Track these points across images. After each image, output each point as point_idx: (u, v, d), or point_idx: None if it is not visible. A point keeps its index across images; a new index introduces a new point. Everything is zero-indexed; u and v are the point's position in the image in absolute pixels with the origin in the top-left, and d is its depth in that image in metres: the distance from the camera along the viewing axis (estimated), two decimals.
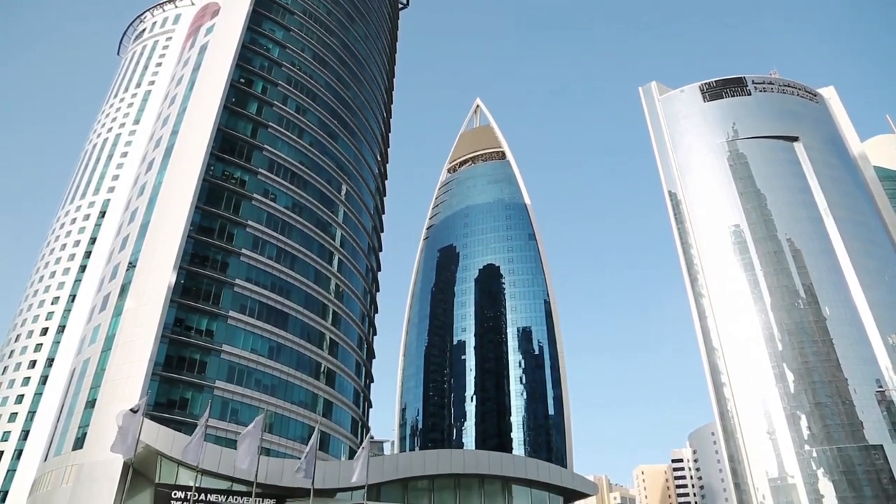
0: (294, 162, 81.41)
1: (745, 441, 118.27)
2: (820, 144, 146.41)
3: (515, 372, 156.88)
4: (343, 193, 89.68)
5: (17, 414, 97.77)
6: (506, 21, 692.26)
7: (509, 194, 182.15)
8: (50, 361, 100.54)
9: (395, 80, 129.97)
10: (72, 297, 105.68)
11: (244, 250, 71.01)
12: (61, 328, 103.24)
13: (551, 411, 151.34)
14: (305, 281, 76.82)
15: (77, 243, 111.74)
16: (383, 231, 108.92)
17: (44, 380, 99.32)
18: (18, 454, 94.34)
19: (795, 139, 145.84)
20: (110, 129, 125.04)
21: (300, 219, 79.35)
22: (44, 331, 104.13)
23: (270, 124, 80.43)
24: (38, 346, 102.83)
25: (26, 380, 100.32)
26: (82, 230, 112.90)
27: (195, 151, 71.37)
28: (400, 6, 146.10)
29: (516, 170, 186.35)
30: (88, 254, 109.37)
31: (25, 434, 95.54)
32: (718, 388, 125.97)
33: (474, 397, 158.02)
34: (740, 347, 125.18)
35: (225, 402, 63.36)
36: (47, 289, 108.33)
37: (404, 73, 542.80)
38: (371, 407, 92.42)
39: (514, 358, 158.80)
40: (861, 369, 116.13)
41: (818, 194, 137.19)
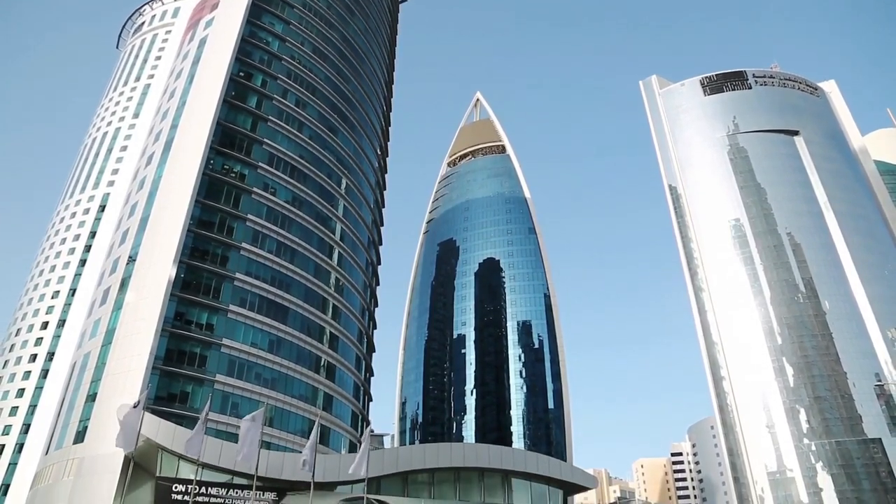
0: (294, 156, 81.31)
1: (745, 435, 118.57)
2: (820, 138, 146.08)
3: (515, 366, 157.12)
4: (343, 187, 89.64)
5: (18, 408, 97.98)
6: (506, 14, 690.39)
7: (509, 188, 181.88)
8: (50, 355, 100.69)
9: (395, 74, 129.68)
10: (72, 291, 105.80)
11: (244, 244, 71.04)
12: (62, 322, 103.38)
13: (551, 405, 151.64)
14: (305, 275, 76.82)
15: (77, 237, 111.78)
16: (383, 225, 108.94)
17: (44, 374, 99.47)
18: (20, 448, 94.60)
19: (796, 133, 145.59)
20: (110, 123, 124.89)
21: (300, 213, 79.32)
22: (44, 325, 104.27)
23: (270, 118, 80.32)
24: (39, 340, 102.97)
25: (27, 374, 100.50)
26: (82, 224, 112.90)
27: (195, 145, 71.31)
28: None
29: (516, 163, 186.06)
30: (88, 248, 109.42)
31: (26, 428, 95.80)
32: (718, 382, 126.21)
33: (474, 391, 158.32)
34: (740, 341, 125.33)
35: (225, 396, 63.52)
36: (47, 283, 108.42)
37: (404, 67, 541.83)
38: (371, 401, 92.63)
39: (514, 352, 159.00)
40: (860, 363, 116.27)
41: (818, 188, 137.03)
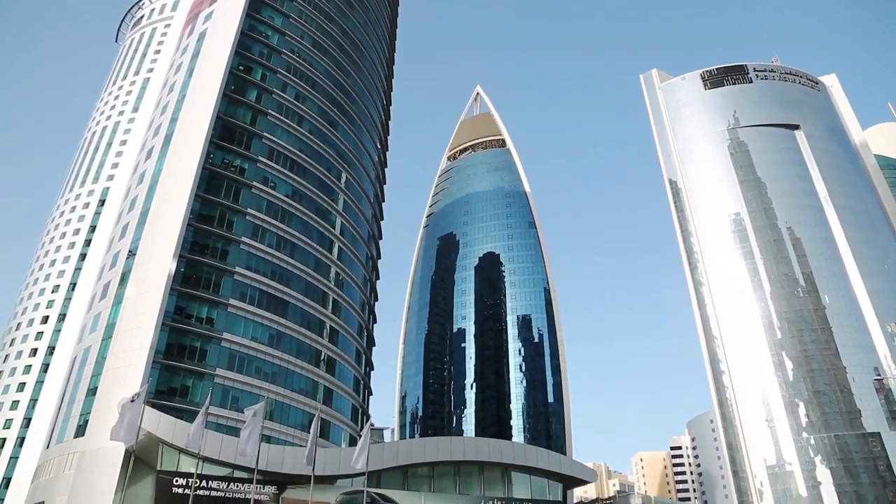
0: (294, 150, 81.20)
1: (744, 428, 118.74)
2: (821, 132, 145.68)
3: (515, 360, 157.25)
4: (343, 181, 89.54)
5: (19, 402, 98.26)
6: (506, 8, 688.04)
7: (509, 182, 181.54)
8: (51, 349, 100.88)
9: (395, 68, 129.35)
10: (72, 286, 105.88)
11: (244, 238, 71.03)
12: (62, 316, 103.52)
13: (551, 399, 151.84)
14: (305, 269, 76.89)
15: (77, 231, 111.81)
16: (383, 219, 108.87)
17: (45, 368, 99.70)
18: (21, 441, 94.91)
19: (796, 127, 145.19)
20: (109, 117, 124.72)
21: (300, 207, 79.29)
22: (44, 319, 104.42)
23: (270, 112, 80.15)
24: (39, 335, 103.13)
25: (28, 368, 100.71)
26: (82, 218, 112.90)
27: (194, 139, 71.20)
28: None
29: (516, 157, 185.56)
30: (88, 242, 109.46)
31: (27, 422, 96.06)
32: (717, 376, 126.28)
33: (474, 385, 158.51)
34: (739, 335, 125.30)
35: (225, 390, 63.66)
36: (48, 277, 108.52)
37: (404, 61, 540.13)
38: (371, 394, 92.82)
39: (514, 346, 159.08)
40: (860, 357, 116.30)
41: (819, 182, 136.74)
